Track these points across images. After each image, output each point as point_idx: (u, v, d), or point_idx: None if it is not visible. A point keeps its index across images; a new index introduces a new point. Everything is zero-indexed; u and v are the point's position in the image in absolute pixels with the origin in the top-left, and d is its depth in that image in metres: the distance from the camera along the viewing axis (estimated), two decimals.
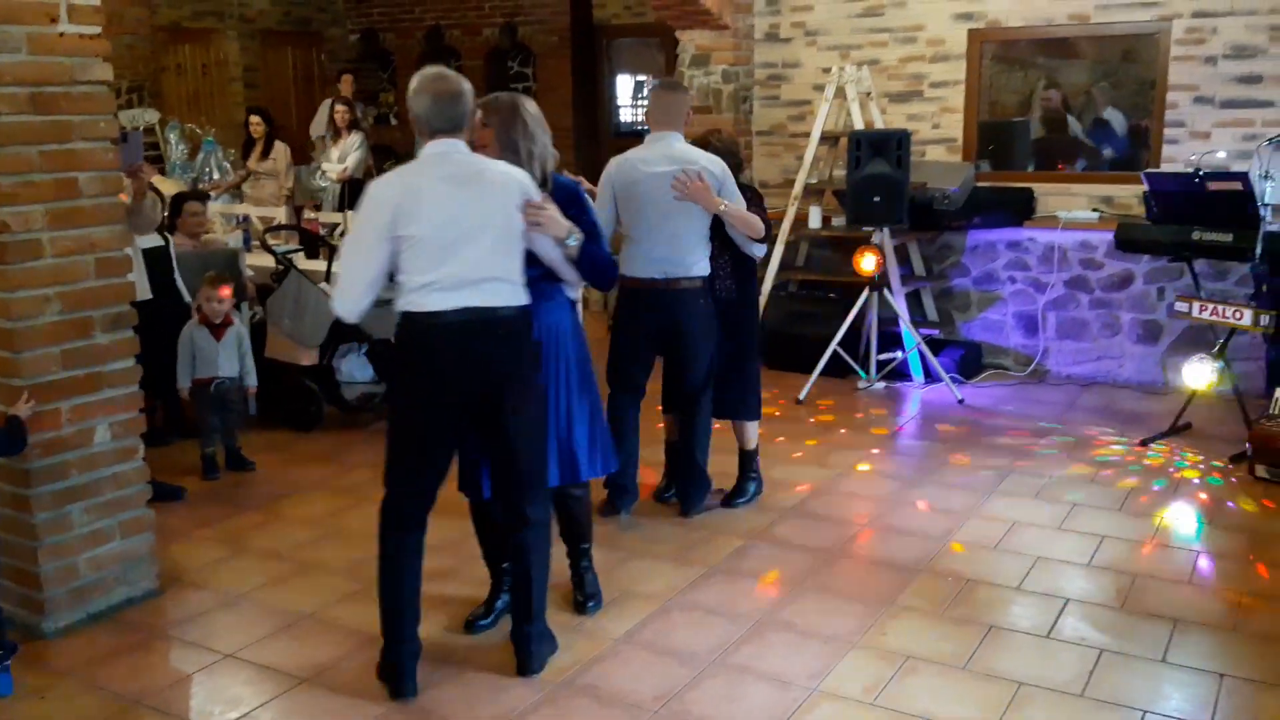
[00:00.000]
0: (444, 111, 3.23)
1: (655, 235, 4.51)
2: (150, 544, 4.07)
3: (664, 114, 4.54)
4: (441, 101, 3.22)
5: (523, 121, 3.51)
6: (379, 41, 12.19)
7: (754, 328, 4.92)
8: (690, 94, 4.81)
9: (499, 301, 3.25)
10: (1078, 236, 6.92)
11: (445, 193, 3.19)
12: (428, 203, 3.17)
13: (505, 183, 3.30)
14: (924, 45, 7.46)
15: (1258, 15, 6.45)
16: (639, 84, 12.51)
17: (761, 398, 4.99)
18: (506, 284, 3.28)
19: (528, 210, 3.29)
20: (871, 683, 3.42)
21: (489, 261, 3.23)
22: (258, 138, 9.03)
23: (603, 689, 3.40)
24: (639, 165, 4.51)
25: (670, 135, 4.53)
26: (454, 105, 3.24)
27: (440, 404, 3.28)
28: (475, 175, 3.25)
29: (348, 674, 3.51)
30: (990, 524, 4.67)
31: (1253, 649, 3.62)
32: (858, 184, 6.49)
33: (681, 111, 4.59)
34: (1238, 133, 6.59)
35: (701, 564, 4.30)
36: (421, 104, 3.23)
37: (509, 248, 3.29)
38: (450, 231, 3.17)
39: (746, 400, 4.89)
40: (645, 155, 4.52)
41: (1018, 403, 6.54)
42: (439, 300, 3.18)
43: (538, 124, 3.57)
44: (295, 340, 5.91)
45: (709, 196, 4.42)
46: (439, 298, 3.18)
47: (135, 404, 3.97)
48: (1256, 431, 5.14)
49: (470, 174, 3.25)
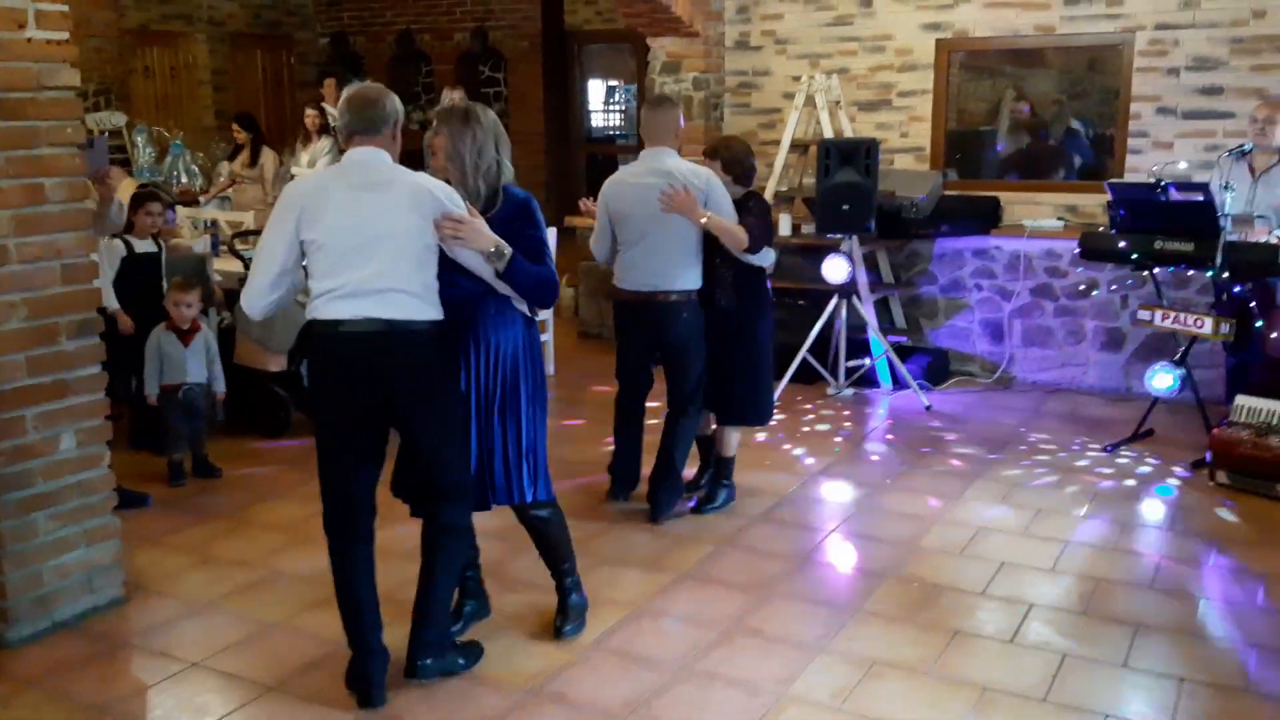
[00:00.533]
0: (360, 114, 3.26)
1: (642, 248, 4.63)
2: (116, 552, 4.04)
3: (653, 130, 4.68)
4: (355, 105, 3.27)
5: (472, 133, 3.44)
6: (349, 45, 12.15)
7: (759, 336, 4.89)
8: (679, 108, 4.81)
9: (399, 314, 3.20)
10: (1043, 245, 7.01)
11: (349, 199, 3.20)
12: (331, 209, 3.19)
13: (416, 193, 3.23)
14: (892, 54, 7.52)
15: (1219, 28, 6.56)
16: (610, 89, 12.55)
17: (768, 406, 5.04)
18: (409, 296, 3.22)
19: (443, 223, 3.23)
20: (839, 688, 3.45)
21: (390, 272, 3.18)
22: (242, 144, 8.94)
23: (572, 696, 3.41)
24: (628, 180, 4.66)
25: (661, 150, 4.65)
26: (368, 109, 3.26)
27: (344, 413, 3.29)
28: (383, 183, 3.23)
29: (315, 683, 3.50)
30: (956, 529, 4.72)
31: (1212, 653, 3.68)
32: (827, 192, 6.54)
33: (670, 127, 4.68)
34: (1199, 143, 6.69)
35: (671, 570, 4.32)
36: (341, 111, 3.34)
37: (416, 259, 3.24)
38: (350, 239, 3.17)
39: (748, 406, 4.93)
40: (635, 170, 4.69)
41: (984, 409, 6.61)
42: (338, 309, 3.19)
43: (490, 136, 3.47)
44: (264, 346, 5.89)
45: (693, 208, 4.47)
46: (338, 306, 3.19)
47: (101, 411, 3.94)
48: (1217, 438, 5.22)
49: (377, 181, 3.23)
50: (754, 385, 4.90)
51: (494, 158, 3.48)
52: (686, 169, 4.59)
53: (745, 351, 4.85)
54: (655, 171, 4.58)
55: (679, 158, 4.68)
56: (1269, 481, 5.00)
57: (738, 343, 4.82)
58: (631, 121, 12.27)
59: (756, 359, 4.90)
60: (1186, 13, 6.63)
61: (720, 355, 4.80)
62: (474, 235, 3.27)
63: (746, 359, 4.85)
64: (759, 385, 4.93)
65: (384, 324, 3.19)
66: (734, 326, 4.81)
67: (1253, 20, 6.48)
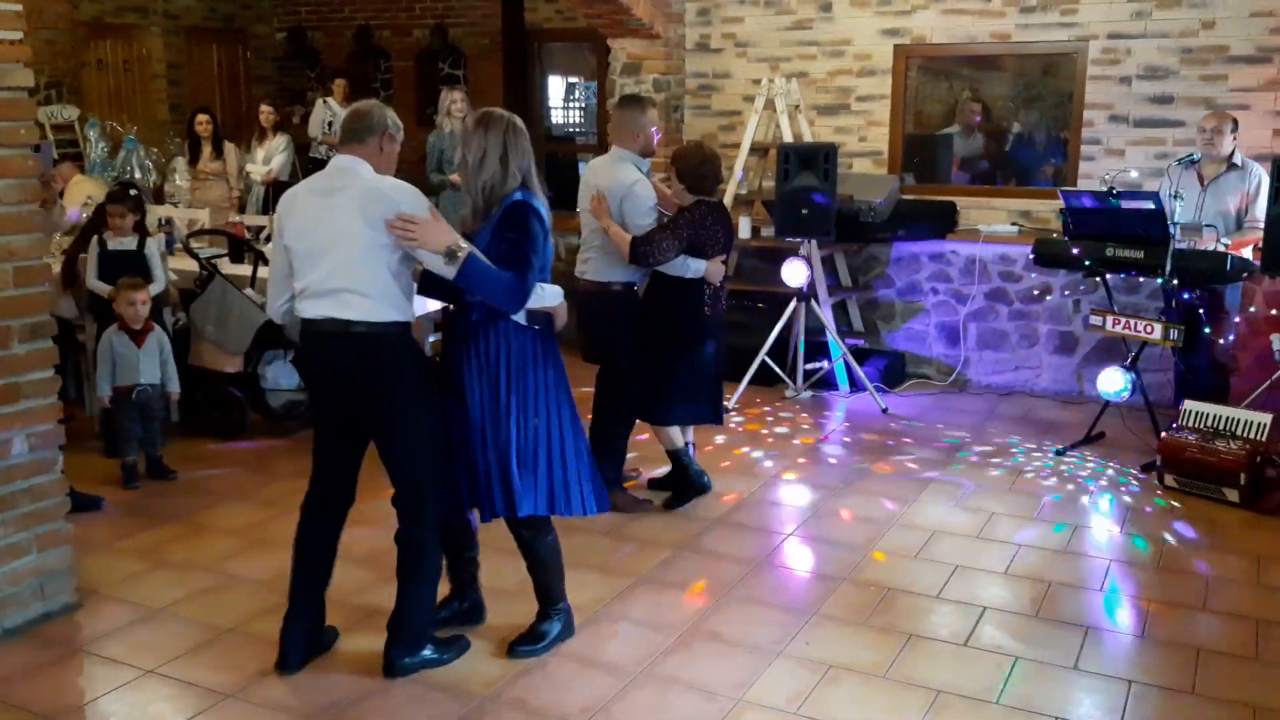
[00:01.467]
0: (347, 124, 3.44)
1: (585, 244, 4.92)
2: (68, 557, 3.99)
3: (614, 129, 4.90)
4: (347, 117, 3.47)
5: (478, 142, 3.44)
6: (306, 40, 12.01)
7: (673, 336, 4.84)
8: (643, 107, 4.84)
9: (353, 314, 3.30)
10: (998, 250, 7.10)
11: (312, 204, 3.37)
12: (297, 213, 3.39)
13: (370, 196, 3.29)
14: (851, 59, 7.59)
15: (1169, 38, 6.68)
16: (570, 86, 12.52)
17: (675, 406, 4.92)
18: (363, 297, 3.30)
19: (394, 224, 3.25)
20: (795, 692, 3.48)
21: (345, 273, 3.29)
22: (205, 137, 8.79)
23: (530, 702, 3.42)
24: (584, 179, 4.99)
25: (616, 151, 4.86)
26: (355, 120, 3.42)
27: (319, 406, 3.56)
28: (339, 188, 3.33)
29: (272, 690, 3.48)
30: (911, 533, 4.78)
31: (1160, 655, 3.76)
32: (786, 196, 6.58)
33: (629, 126, 4.82)
34: (1150, 151, 6.82)
35: (629, 575, 4.33)
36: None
37: (367, 261, 3.29)
38: (308, 242, 3.34)
39: (649, 404, 4.94)
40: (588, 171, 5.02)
41: (939, 412, 6.69)
42: (307, 308, 3.38)
43: (498, 147, 3.43)
44: (219, 347, 5.83)
45: (599, 214, 4.72)
46: (306, 305, 3.38)
47: (54, 415, 3.89)
48: (1166, 442, 5.32)
49: (336, 187, 3.35)
50: (658, 382, 4.87)
51: (496, 170, 3.44)
52: (607, 175, 4.80)
53: (654, 352, 4.87)
54: (594, 173, 4.92)
55: (614, 161, 4.83)
56: (1216, 485, 5.11)
57: (657, 340, 4.87)
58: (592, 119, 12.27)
59: (666, 355, 4.85)
60: (1138, 23, 6.75)
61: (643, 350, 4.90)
62: (426, 236, 3.26)
63: (654, 359, 4.88)
64: (664, 382, 4.87)
65: (341, 324, 3.33)
66: (654, 325, 4.88)
67: (1202, 31, 6.61)
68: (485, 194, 3.46)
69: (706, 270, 4.77)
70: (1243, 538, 4.75)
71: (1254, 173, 5.93)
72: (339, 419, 3.50)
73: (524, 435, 3.50)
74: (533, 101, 12.22)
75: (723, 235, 4.84)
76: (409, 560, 3.49)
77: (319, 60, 12.09)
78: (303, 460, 3.68)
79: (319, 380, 3.51)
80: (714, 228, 4.78)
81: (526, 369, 3.50)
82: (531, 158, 3.54)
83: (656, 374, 4.87)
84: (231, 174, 8.84)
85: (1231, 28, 6.54)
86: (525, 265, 3.37)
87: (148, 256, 5.73)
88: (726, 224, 4.91)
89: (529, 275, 3.38)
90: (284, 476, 5.37)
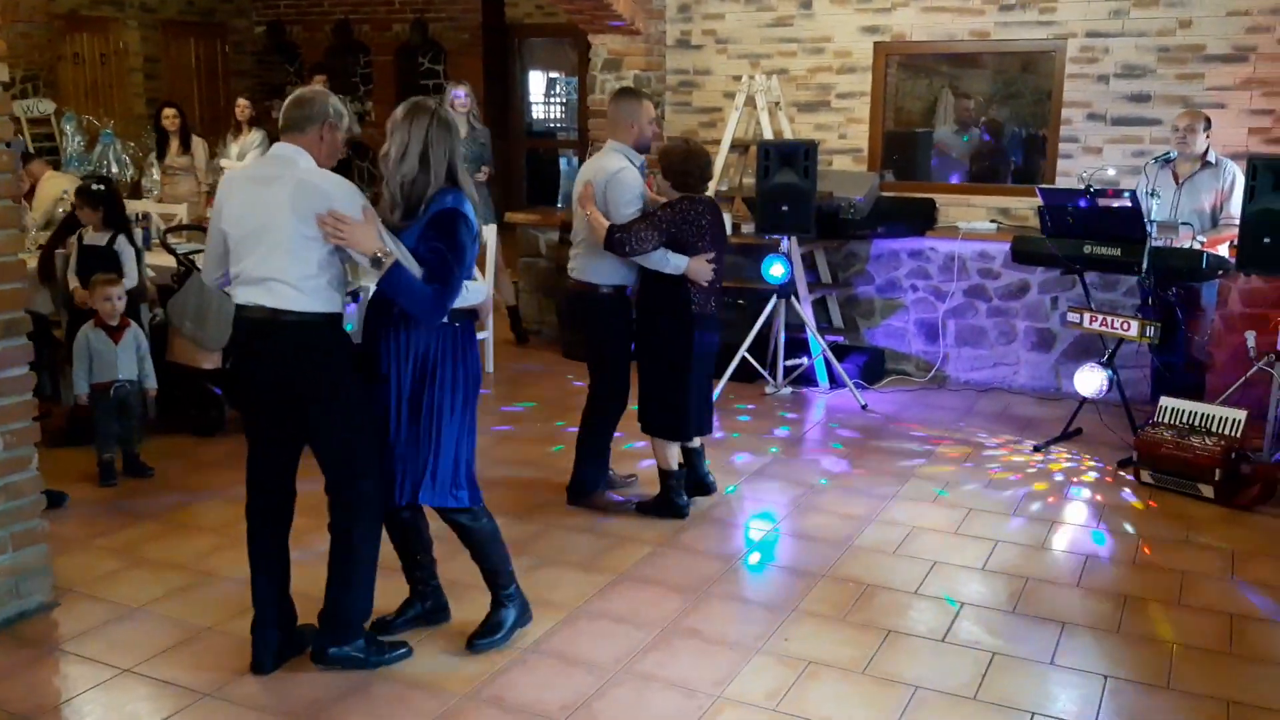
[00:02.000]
0: (288, 112, 3.43)
1: (574, 240, 4.88)
2: (44, 555, 3.96)
3: (609, 123, 4.92)
4: (288, 104, 3.45)
5: (400, 137, 3.41)
6: (285, 34, 11.97)
7: (664, 344, 4.73)
8: (637, 99, 4.81)
9: (279, 303, 3.33)
10: (976, 247, 7.13)
11: (246, 191, 3.39)
12: (234, 198, 3.42)
13: (299, 188, 3.29)
14: (831, 56, 7.61)
15: (1147, 37, 6.73)
16: (551, 81, 12.51)
17: (675, 420, 4.78)
18: (288, 286, 3.31)
19: (325, 220, 3.26)
20: (774, 688, 3.49)
21: (274, 262, 3.32)
22: (172, 132, 8.73)
23: (509, 700, 3.42)
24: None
25: (610, 144, 4.87)
26: (296, 107, 3.42)
27: (251, 398, 3.53)
28: (274, 178, 3.35)
29: (249, 688, 3.47)
30: (890, 529, 4.81)
31: (1135, 650, 3.79)
32: (766, 193, 6.60)
33: (622, 119, 4.83)
34: (1128, 149, 6.86)
35: (610, 571, 4.34)
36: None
37: (294, 252, 3.30)
38: (241, 229, 3.37)
39: (648, 417, 4.84)
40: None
41: (919, 408, 6.72)
42: (240, 294, 3.41)
43: (420, 143, 3.39)
44: (197, 343, 5.80)
45: (583, 202, 4.71)
46: (240, 291, 3.41)
47: (29, 412, 3.86)
48: (1142, 438, 5.36)
49: (271, 176, 3.37)
50: (656, 395, 4.79)
51: (414, 167, 3.40)
52: (594, 165, 4.82)
53: (648, 358, 4.80)
54: (587, 166, 4.91)
55: (606, 152, 4.84)
56: (1191, 481, 5.15)
57: (644, 348, 4.80)
58: (573, 114, 12.25)
59: (660, 367, 4.76)
60: (1116, 21, 6.79)
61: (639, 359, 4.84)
62: (355, 237, 3.26)
63: (649, 366, 4.80)
64: (661, 395, 4.78)
65: (267, 311, 3.35)
66: (644, 332, 4.80)
67: (1179, 30, 6.65)
68: (404, 190, 3.43)
69: (689, 267, 4.60)
70: (1217, 533, 4.79)
71: (1228, 170, 5.98)
72: (271, 411, 3.46)
73: (449, 427, 3.55)
74: (513, 97, 12.22)
75: (709, 232, 4.64)
76: (340, 550, 3.50)
77: (298, 54, 12.04)
78: None
79: (246, 364, 3.48)
80: (699, 223, 4.60)
81: (443, 364, 3.52)
82: (457, 154, 3.46)
83: (665, 387, 4.75)
84: (199, 169, 8.78)
85: (1208, 27, 6.59)
86: (448, 278, 3.37)
87: (118, 252, 5.67)
88: (716, 221, 4.73)
89: (451, 288, 3.39)
90: None
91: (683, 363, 4.71)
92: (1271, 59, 6.46)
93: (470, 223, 3.45)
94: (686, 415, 4.79)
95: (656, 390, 4.78)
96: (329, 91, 3.56)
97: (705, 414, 4.95)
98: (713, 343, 4.85)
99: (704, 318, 4.70)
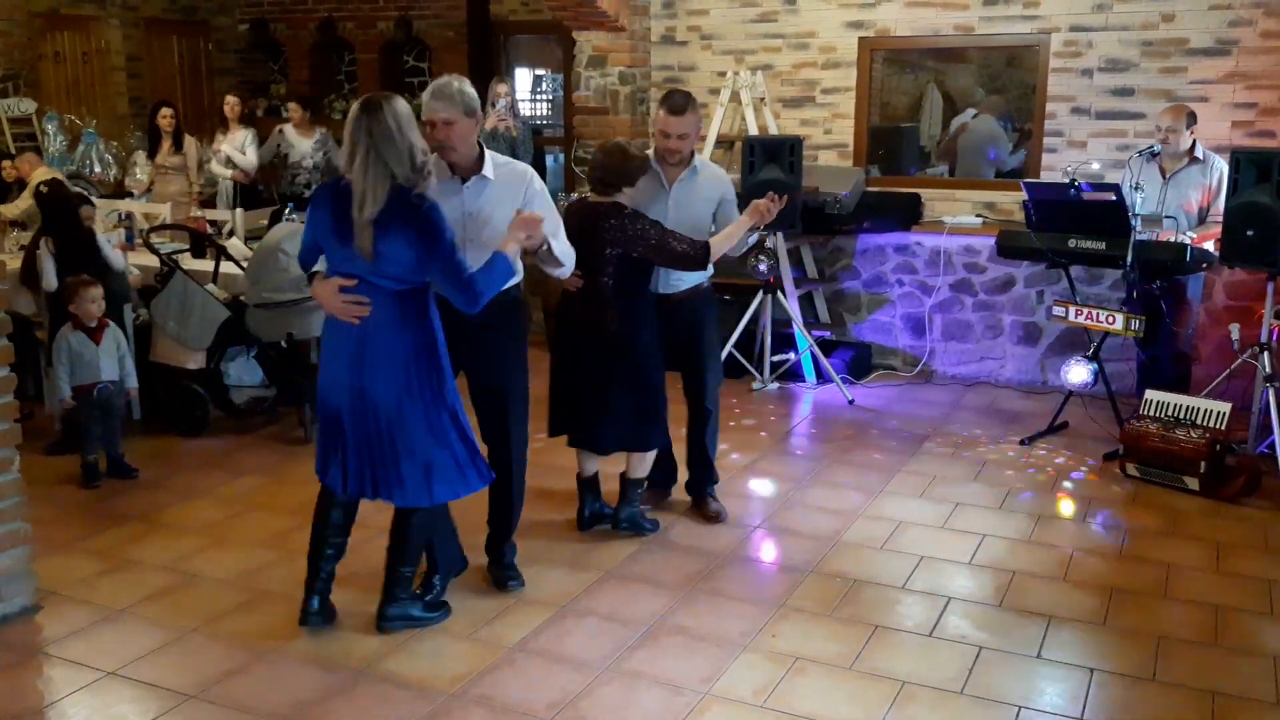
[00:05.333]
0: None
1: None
2: (27, 558, 3.94)
3: (690, 135, 4.62)
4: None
5: (350, 134, 3.39)
6: (269, 32, 11.88)
7: (616, 352, 4.41)
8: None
9: None
10: (962, 241, 7.14)
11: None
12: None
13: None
14: (816, 52, 7.60)
15: (1130, 31, 6.74)
16: (537, 78, 12.47)
17: (635, 430, 4.52)
18: None
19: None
20: (761, 685, 3.49)
21: None
22: (167, 131, 8.61)
23: (496, 699, 3.41)
24: None
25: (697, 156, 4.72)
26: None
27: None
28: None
29: (235, 690, 3.45)
30: (877, 524, 4.81)
31: (1121, 643, 3.79)
32: (752, 189, 6.58)
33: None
34: (1112, 143, 6.87)
35: (596, 569, 4.33)
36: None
37: None
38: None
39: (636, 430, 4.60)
40: None
41: (905, 403, 6.72)
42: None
43: (367, 144, 3.37)
44: (181, 343, 5.76)
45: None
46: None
47: (10, 414, 3.83)
48: (1128, 431, 5.37)
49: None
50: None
51: (363, 168, 3.35)
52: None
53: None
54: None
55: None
56: (1176, 473, 5.16)
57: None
58: (559, 111, 12.22)
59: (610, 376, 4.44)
60: (1099, 15, 6.80)
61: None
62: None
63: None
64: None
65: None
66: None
67: (1162, 24, 6.66)
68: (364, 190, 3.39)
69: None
70: (1203, 526, 4.81)
71: (1215, 166, 5.98)
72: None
73: (417, 425, 3.61)
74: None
75: (574, 237, 4.12)
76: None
77: (282, 52, 11.97)
78: (265, 457, 3.65)
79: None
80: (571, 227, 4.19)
81: (407, 359, 3.57)
82: (408, 148, 3.37)
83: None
84: (191, 168, 8.71)
85: (1191, 21, 6.60)
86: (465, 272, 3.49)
87: (100, 247, 5.63)
88: (582, 225, 4.27)
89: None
90: (247, 474, 5.33)
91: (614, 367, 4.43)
92: (1254, 52, 6.48)
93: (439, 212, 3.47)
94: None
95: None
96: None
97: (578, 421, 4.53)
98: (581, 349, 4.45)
99: (569, 322, 4.46)
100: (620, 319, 4.35)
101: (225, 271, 6.08)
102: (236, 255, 6.15)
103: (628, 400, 4.43)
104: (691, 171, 4.63)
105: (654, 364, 4.50)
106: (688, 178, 4.62)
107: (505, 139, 7.45)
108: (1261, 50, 6.47)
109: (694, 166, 4.64)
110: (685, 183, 4.62)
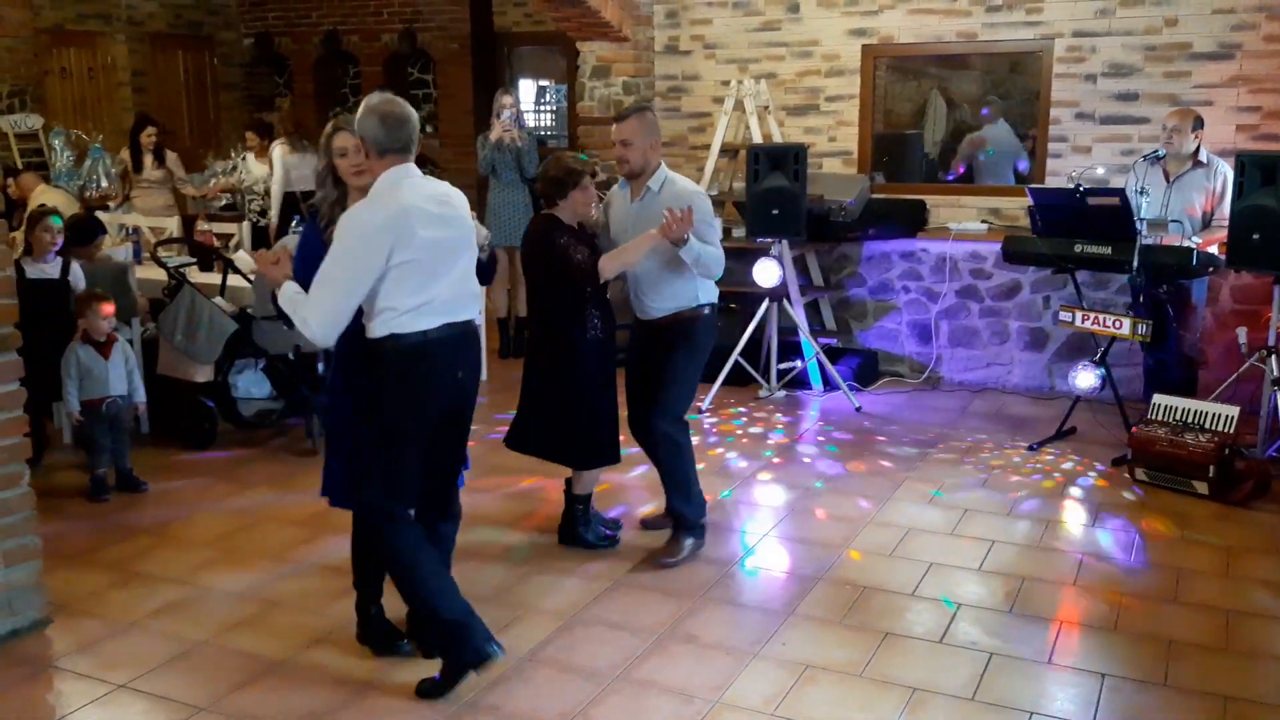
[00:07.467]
0: (393, 133, 3.30)
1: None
2: (37, 572, 3.94)
3: (652, 144, 4.46)
4: (390, 123, 3.29)
5: (321, 153, 3.47)
6: (274, 46, 11.95)
7: (558, 370, 4.42)
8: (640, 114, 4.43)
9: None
10: (968, 247, 7.14)
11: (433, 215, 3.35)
12: (419, 226, 3.28)
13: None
14: (820, 60, 7.62)
15: (1133, 36, 6.75)
16: (541, 89, 12.50)
17: (577, 445, 4.49)
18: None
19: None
20: (772, 693, 3.49)
21: (470, 279, 3.51)
22: (148, 148, 8.66)
23: (506, 709, 3.40)
24: None
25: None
26: (401, 128, 3.31)
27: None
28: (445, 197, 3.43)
29: (246, 702, 3.45)
30: (886, 531, 4.80)
31: (1131, 648, 3.78)
32: (757, 197, 6.60)
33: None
34: (1116, 148, 6.88)
35: (605, 578, 4.33)
36: (369, 125, 3.30)
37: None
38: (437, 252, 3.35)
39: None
40: None
41: (912, 410, 6.72)
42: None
43: (326, 158, 3.45)
44: (189, 357, 5.78)
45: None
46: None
47: (20, 428, 3.85)
48: (1136, 436, 5.36)
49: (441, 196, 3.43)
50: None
51: (331, 187, 3.47)
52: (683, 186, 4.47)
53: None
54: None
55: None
56: (1185, 478, 5.15)
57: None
58: (563, 121, 12.26)
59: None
60: (1102, 20, 6.82)
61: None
62: None
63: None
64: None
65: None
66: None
67: (1165, 29, 6.68)
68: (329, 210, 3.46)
69: None
70: (1212, 530, 4.79)
71: (1219, 170, 5.98)
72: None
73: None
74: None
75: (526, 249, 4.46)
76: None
77: (287, 66, 12.03)
78: (274, 469, 3.66)
79: (436, 389, 3.42)
80: None
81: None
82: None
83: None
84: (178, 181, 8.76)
85: (1194, 25, 6.61)
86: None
87: (71, 283, 5.57)
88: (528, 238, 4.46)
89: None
90: (255, 486, 5.34)
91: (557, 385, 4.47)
92: (1257, 56, 6.49)
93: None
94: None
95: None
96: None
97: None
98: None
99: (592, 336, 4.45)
100: (563, 333, 4.35)
101: (233, 285, 6.10)
102: (243, 268, 6.17)
103: (554, 408, 4.41)
104: (650, 187, 4.40)
105: (592, 382, 4.40)
106: (647, 193, 4.41)
107: (510, 150, 7.47)
108: (1265, 54, 6.47)
109: (659, 180, 4.41)
110: (644, 199, 4.41)
